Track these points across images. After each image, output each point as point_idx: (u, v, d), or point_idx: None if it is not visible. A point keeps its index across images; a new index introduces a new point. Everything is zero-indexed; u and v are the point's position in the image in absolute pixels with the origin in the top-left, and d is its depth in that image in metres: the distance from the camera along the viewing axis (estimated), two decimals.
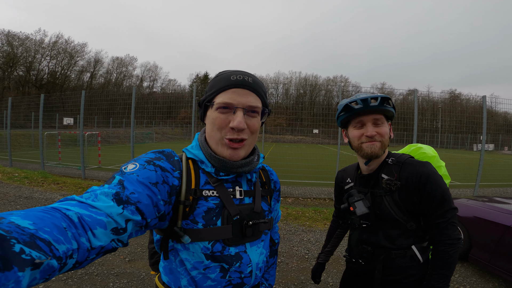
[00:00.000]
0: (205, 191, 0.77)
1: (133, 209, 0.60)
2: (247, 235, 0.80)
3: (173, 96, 21.40)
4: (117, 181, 0.63)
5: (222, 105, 0.75)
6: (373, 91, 17.87)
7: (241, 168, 0.81)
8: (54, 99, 11.05)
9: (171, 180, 0.72)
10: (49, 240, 0.42)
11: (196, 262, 0.75)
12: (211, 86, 0.81)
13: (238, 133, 0.76)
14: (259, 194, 0.87)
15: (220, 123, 0.76)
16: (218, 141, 0.78)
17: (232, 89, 0.76)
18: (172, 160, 0.76)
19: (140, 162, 0.70)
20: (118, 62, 58.24)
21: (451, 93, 35.73)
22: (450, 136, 19.92)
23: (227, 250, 0.77)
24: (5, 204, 5.31)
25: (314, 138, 24.58)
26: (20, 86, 45.07)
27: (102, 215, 0.54)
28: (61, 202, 0.54)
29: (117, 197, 0.59)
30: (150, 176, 0.67)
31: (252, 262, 0.82)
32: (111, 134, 20.55)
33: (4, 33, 43.69)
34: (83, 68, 53.51)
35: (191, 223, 0.74)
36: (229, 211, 0.77)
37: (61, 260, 0.43)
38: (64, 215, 0.49)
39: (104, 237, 0.53)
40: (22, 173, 8.06)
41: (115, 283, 2.79)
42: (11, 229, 0.38)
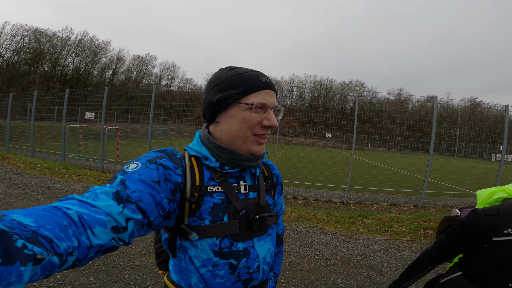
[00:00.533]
0: (209, 187, 0.78)
1: (133, 208, 0.60)
2: (254, 229, 0.80)
3: (189, 95, 21.80)
4: (119, 180, 0.64)
5: (259, 105, 0.79)
6: (389, 97, 17.60)
7: (249, 162, 0.82)
8: (77, 94, 11.52)
9: (173, 177, 0.72)
10: (50, 237, 0.43)
11: (205, 259, 0.76)
12: (234, 84, 0.79)
13: (268, 130, 0.82)
14: (263, 188, 0.89)
15: (253, 122, 0.79)
16: (246, 139, 0.80)
17: (265, 90, 0.80)
18: (174, 158, 0.76)
19: (142, 161, 0.70)
20: (138, 60, 60.31)
21: (472, 101, 34.61)
22: (468, 145, 19.35)
23: (235, 245, 0.77)
24: (26, 194, 5.42)
25: (326, 142, 24.41)
26: (45, 80, 47.14)
27: (101, 214, 0.55)
28: (61, 201, 0.55)
29: (117, 196, 0.59)
30: (152, 175, 0.67)
31: (259, 257, 0.82)
32: (129, 129, 21.18)
33: (32, 30, 45.78)
34: (105, 65, 55.76)
35: (197, 220, 0.74)
36: (235, 206, 0.78)
37: (62, 257, 0.44)
38: (64, 213, 0.50)
39: (104, 236, 0.54)
40: (44, 164, 8.30)
41: (130, 275, 2.88)
42: (13, 226, 0.39)
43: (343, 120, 18.48)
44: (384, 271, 3.38)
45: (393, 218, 5.31)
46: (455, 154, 19.51)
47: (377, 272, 3.33)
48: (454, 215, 3.97)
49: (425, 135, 13.54)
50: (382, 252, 3.92)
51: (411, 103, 56.37)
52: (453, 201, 7.53)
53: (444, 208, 6.64)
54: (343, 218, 5.18)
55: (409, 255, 3.89)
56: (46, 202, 5.01)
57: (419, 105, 54.66)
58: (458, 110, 29.95)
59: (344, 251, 3.85)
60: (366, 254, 3.79)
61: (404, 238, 4.50)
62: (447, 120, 31.27)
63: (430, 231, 4.77)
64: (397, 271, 3.39)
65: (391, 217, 5.33)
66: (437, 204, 6.98)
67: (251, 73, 0.81)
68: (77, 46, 51.07)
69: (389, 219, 5.21)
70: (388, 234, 4.61)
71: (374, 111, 38.61)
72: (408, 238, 4.54)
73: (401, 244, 4.27)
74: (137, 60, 59.97)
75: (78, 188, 6.14)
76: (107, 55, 55.25)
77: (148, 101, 8.79)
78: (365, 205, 6.52)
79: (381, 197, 7.35)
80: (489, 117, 29.59)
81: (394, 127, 28.78)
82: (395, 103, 54.90)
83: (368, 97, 42.52)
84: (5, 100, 12.73)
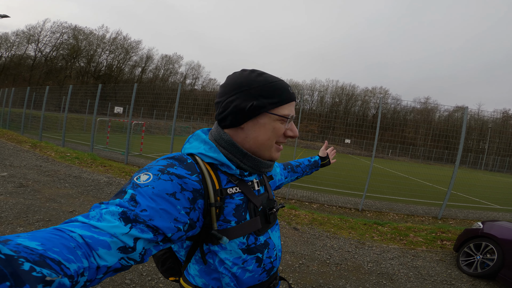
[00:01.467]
0: (229, 189, 0.79)
1: (142, 228, 0.57)
2: (271, 222, 0.88)
3: (212, 95, 22.21)
4: (129, 196, 0.60)
5: (287, 117, 0.81)
6: (414, 105, 17.05)
7: (268, 168, 0.87)
8: (108, 89, 12.16)
9: (190, 185, 0.69)
10: (58, 259, 0.42)
11: (235, 258, 0.78)
12: (266, 93, 0.78)
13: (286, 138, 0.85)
14: (267, 182, 0.97)
15: (281, 132, 0.83)
16: (271, 147, 0.83)
17: (292, 102, 0.83)
18: (185, 164, 0.73)
19: (153, 172, 0.66)
20: (166, 59, 62.89)
21: (504, 113, 32.68)
22: (496, 159, 18.34)
23: (259, 240, 0.82)
24: (54, 181, 5.56)
25: (345, 148, 23.99)
26: (80, 75, 50.15)
27: (105, 235, 0.53)
28: (65, 223, 0.54)
29: (124, 216, 0.56)
30: (166, 187, 0.64)
31: (276, 246, 0.90)
32: (153, 124, 22.01)
33: (71, 28, 48.81)
34: (135, 63, 58.67)
35: (223, 223, 0.75)
36: (254, 203, 0.82)
37: (73, 279, 0.44)
38: (69, 236, 0.49)
39: (109, 257, 0.52)
40: (73, 154, 8.70)
41: (143, 265, 2.90)
42: (19, 249, 0.39)
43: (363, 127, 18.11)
44: (394, 279, 3.37)
45: (409, 227, 5.22)
46: (482, 167, 18.56)
47: (387, 280, 3.32)
48: (476, 227, 3.90)
49: (451, 146, 13.01)
50: (395, 260, 3.90)
51: (438, 112, 54.11)
52: (475, 214, 7.24)
53: (465, 221, 6.41)
54: (357, 224, 5.16)
55: (423, 264, 3.84)
56: (73, 190, 5.23)
57: (446, 115, 52.33)
58: (489, 122, 28.45)
59: (355, 257, 3.86)
60: (378, 262, 3.79)
61: (420, 248, 4.43)
62: (477, 131, 29.73)
63: (448, 242, 4.66)
64: (408, 280, 3.37)
65: (408, 227, 5.24)
66: (458, 216, 6.75)
67: (281, 83, 0.81)
68: (111, 44, 54.22)
69: (405, 228, 5.13)
70: (403, 243, 4.55)
71: (397, 119, 37.41)
72: (423, 248, 4.46)
73: (415, 253, 4.21)
74: (164, 59, 62.61)
75: (103, 179, 6.39)
76: (138, 54, 58.27)
77: (172, 99, 9.09)
78: (381, 213, 6.42)
79: (398, 206, 7.19)
80: None
81: (418, 136, 27.74)
82: (421, 111, 52.86)
83: (392, 105, 41.43)
84: (41, 92, 13.60)
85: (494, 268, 3.42)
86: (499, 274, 3.37)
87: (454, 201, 8.75)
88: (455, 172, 6.29)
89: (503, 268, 3.36)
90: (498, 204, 9.08)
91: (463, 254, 3.90)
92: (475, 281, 3.52)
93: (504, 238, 3.47)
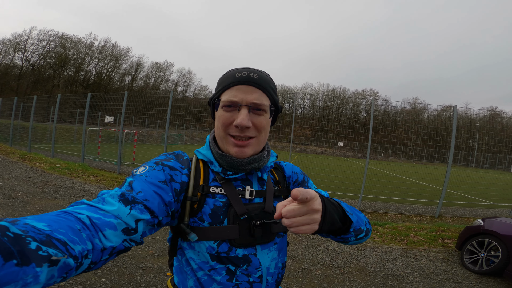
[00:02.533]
0: (212, 188, 0.76)
1: (141, 208, 0.61)
2: (256, 236, 0.75)
3: (204, 102, 22.15)
4: (127, 183, 0.66)
5: (226, 103, 0.74)
6: (404, 106, 17.33)
7: (250, 164, 0.78)
8: (98, 98, 11.95)
9: (179, 177, 0.72)
10: (64, 240, 0.44)
11: (201, 262, 0.73)
12: (218, 84, 0.80)
13: (242, 130, 0.74)
14: (271, 193, 0.82)
15: (225, 121, 0.75)
16: (223, 139, 0.78)
17: (237, 86, 0.74)
18: (181, 160, 0.77)
19: (150, 164, 0.72)
20: (157, 67, 62.59)
21: (491, 111, 33.57)
22: (486, 156, 18.71)
23: (234, 251, 0.73)
24: (44, 193, 5.45)
25: (338, 151, 24.10)
26: (68, 84, 49.28)
27: (111, 217, 0.56)
28: (72, 206, 0.56)
29: (123, 198, 0.60)
30: (158, 175, 0.68)
31: (262, 266, 0.77)
32: (145, 133, 21.74)
33: (58, 35, 48.04)
34: (125, 71, 58.14)
35: (198, 220, 0.73)
36: (236, 209, 0.74)
37: (77, 260, 0.45)
38: (76, 218, 0.51)
39: (115, 238, 0.55)
40: (64, 164, 8.51)
41: (142, 277, 2.87)
42: (27, 229, 0.40)
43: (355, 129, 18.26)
44: (400, 279, 3.33)
45: (409, 227, 5.20)
46: (473, 164, 18.88)
47: (393, 281, 3.27)
48: (477, 225, 3.91)
49: (441, 145, 13.20)
50: (398, 260, 3.85)
51: (426, 112, 55.18)
52: (472, 211, 7.30)
53: (462, 219, 6.45)
54: None
55: (427, 264, 3.81)
56: (64, 201, 5.10)
57: (435, 115, 53.42)
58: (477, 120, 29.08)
59: (358, 259, 3.81)
60: (381, 263, 3.74)
61: (421, 247, 4.41)
62: (465, 130, 30.38)
63: (449, 241, 4.65)
64: (414, 280, 3.33)
65: (407, 226, 5.23)
66: (455, 214, 6.78)
67: (232, 71, 0.77)
68: (100, 52, 53.46)
69: (405, 228, 5.11)
70: (405, 243, 4.52)
71: (388, 120, 38.00)
72: (425, 247, 4.44)
73: (418, 253, 4.18)
74: (155, 66, 62.32)
75: (95, 189, 6.25)
76: (128, 61, 57.81)
77: (164, 107, 9.00)
78: (378, 214, 6.41)
79: (395, 206, 7.20)
80: (509, 127, 28.56)
81: (409, 136, 28.16)
82: (410, 112, 53.83)
83: (382, 106, 41.94)
84: (29, 102, 13.29)
85: (500, 265, 3.41)
86: (506, 270, 3.36)
87: (450, 199, 8.84)
88: (448, 170, 6.34)
89: (509, 264, 3.35)
90: (493, 201, 9.21)
91: (466, 252, 3.89)
92: (482, 279, 3.50)
93: (507, 235, 3.47)
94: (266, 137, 0.82)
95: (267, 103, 0.77)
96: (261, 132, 0.78)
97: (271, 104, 0.79)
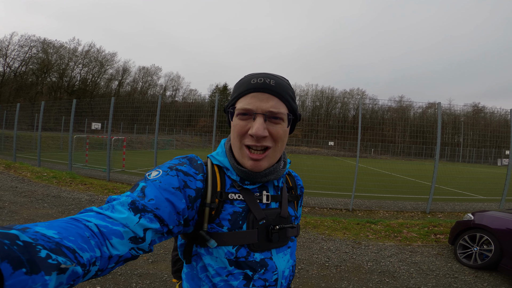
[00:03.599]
0: (230, 194, 0.75)
1: (151, 217, 0.59)
2: (273, 240, 0.76)
3: (194, 106, 22.03)
4: (140, 188, 0.64)
5: (241, 111, 0.72)
6: (390, 104, 17.69)
7: (266, 177, 0.78)
8: (84, 104, 11.68)
9: (194, 183, 0.71)
10: (73, 248, 0.44)
11: (219, 267, 0.72)
12: (233, 91, 0.78)
13: (258, 140, 0.72)
14: (286, 199, 0.84)
15: (239, 130, 0.73)
16: (239, 150, 0.76)
17: (252, 94, 0.72)
18: (195, 164, 0.75)
19: (163, 169, 0.70)
20: (144, 71, 61.27)
21: (474, 107, 34.59)
22: (472, 151, 19.28)
23: (252, 256, 0.73)
24: (32, 202, 5.38)
25: (329, 150, 24.35)
26: (52, 91, 47.85)
27: (118, 225, 0.55)
28: (81, 213, 0.56)
29: (133, 206, 0.59)
30: (172, 182, 0.66)
31: (279, 270, 0.77)
32: (134, 139, 21.37)
33: (40, 41, 46.73)
34: (112, 76, 56.60)
35: (216, 226, 0.72)
36: (255, 215, 0.74)
37: (85, 267, 0.45)
38: (85, 225, 0.51)
39: (121, 247, 0.54)
40: (50, 173, 8.36)
41: (137, 284, 2.83)
42: (37, 237, 0.40)
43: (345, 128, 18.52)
44: (397, 276, 3.36)
45: (401, 223, 5.28)
46: (459, 159, 19.41)
47: (390, 278, 3.30)
48: (467, 219, 3.97)
49: (428, 141, 13.50)
50: (394, 257, 3.89)
51: (412, 110, 56.48)
52: (462, 206, 7.48)
53: (453, 213, 6.59)
54: (350, 224, 5.16)
55: (422, 259, 3.87)
56: (53, 210, 5.03)
57: (421, 112, 54.71)
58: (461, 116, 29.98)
59: (354, 257, 3.83)
60: (377, 260, 3.77)
61: (415, 244, 4.47)
62: (450, 126, 31.24)
63: (441, 236, 4.74)
64: (411, 276, 3.37)
65: (400, 223, 5.30)
66: (445, 209, 6.93)
67: (248, 77, 0.75)
68: (84, 57, 52.00)
69: (397, 225, 5.18)
70: (398, 240, 4.58)
71: (376, 119, 38.74)
72: (419, 243, 4.51)
73: (412, 249, 4.24)
74: (142, 71, 61.02)
75: (84, 197, 6.15)
76: (113, 66, 56.25)
77: (153, 112, 8.90)
78: (371, 211, 6.48)
79: (387, 204, 7.30)
80: (492, 122, 29.53)
81: (397, 134, 28.75)
82: (397, 110, 54.99)
83: (369, 105, 42.85)
84: (12, 111, 12.93)
85: (494, 259, 3.44)
86: (500, 264, 3.38)
87: (439, 194, 9.02)
88: (436, 166, 6.48)
89: (503, 258, 3.38)
90: (481, 195, 9.45)
91: (459, 246, 3.94)
92: (478, 273, 3.55)
93: (497, 228, 3.51)
94: (283, 147, 0.80)
95: (285, 111, 0.74)
96: (277, 142, 0.75)
97: (288, 112, 0.76)
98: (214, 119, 7.41)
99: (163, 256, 3.53)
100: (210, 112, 7.77)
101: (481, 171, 16.31)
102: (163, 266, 3.28)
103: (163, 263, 3.35)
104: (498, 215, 3.68)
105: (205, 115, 17.08)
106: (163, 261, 3.40)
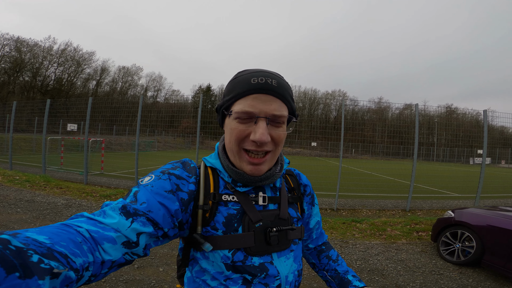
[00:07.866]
0: (224, 196, 0.72)
1: (143, 221, 0.58)
2: (272, 243, 0.71)
3: (176, 107, 21.57)
4: (133, 193, 0.63)
5: (242, 115, 0.67)
6: (370, 106, 18.23)
7: (261, 182, 0.74)
8: (59, 105, 11.10)
9: (186, 186, 0.69)
10: (65, 253, 0.43)
11: (216, 272, 0.69)
12: (229, 89, 0.72)
13: (260, 146, 0.68)
14: (285, 200, 0.80)
15: (239, 135, 0.68)
16: (236, 154, 0.72)
17: (253, 95, 0.67)
18: (188, 168, 0.73)
19: (156, 174, 0.68)
20: (124, 71, 59.27)
21: (448, 108, 36.44)
22: (446, 150, 20.27)
23: (250, 260, 0.69)
24: (4, 207, 5.18)
25: (312, 151, 24.69)
26: (25, 91, 45.35)
27: (110, 231, 0.54)
28: (71, 219, 0.55)
29: (124, 211, 0.58)
30: (164, 185, 0.65)
31: (281, 275, 0.72)
32: (113, 141, 20.58)
33: (13, 39, 44.23)
34: (89, 76, 54.30)
35: (211, 229, 0.69)
36: (250, 217, 0.71)
37: (78, 272, 0.45)
38: (76, 231, 0.50)
39: (114, 252, 0.53)
40: (23, 176, 7.97)
41: None
42: (28, 242, 0.39)
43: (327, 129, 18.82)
44: (385, 274, 3.41)
45: (385, 222, 5.40)
46: (434, 158, 20.32)
47: (379, 276, 3.35)
48: (448, 216, 4.09)
49: (405, 141, 13.99)
50: (381, 255, 3.96)
51: (390, 111, 58.58)
52: (439, 203, 7.77)
53: (431, 211, 6.84)
54: (337, 224, 5.22)
55: (407, 257, 3.95)
56: (27, 215, 4.80)
57: (398, 113, 56.85)
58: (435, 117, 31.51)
59: (343, 256, 3.86)
60: (365, 259, 3.82)
61: (400, 241, 4.58)
62: (425, 126, 32.71)
63: (423, 233, 4.89)
64: (399, 274, 3.43)
65: (383, 221, 5.42)
66: (424, 207, 7.18)
67: (246, 75, 0.69)
68: (60, 56, 49.67)
69: (381, 223, 5.29)
70: (383, 238, 4.67)
71: (356, 120, 39.84)
72: (403, 241, 4.62)
73: (397, 247, 4.33)
74: (122, 71, 58.99)
75: (60, 201, 5.87)
76: (91, 66, 54.09)
77: (133, 113, 8.61)
78: (355, 210, 6.60)
79: (370, 202, 7.47)
80: (464, 123, 31.21)
81: (376, 134, 29.65)
82: (376, 111, 56.80)
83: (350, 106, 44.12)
84: None
85: (476, 255, 3.53)
86: (483, 260, 3.46)
87: (417, 192, 9.36)
88: (414, 165, 6.71)
89: (485, 254, 3.46)
90: (456, 193, 9.89)
91: (442, 243, 4.03)
92: (462, 269, 3.64)
93: (477, 225, 3.60)
94: (280, 150, 0.76)
95: (286, 114, 0.71)
96: (278, 146, 0.72)
97: (289, 114, 0.72)
98: (198, 120, 7.26)
99: (149, 261, 3.38)
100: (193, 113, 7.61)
101: (455, 170, 17.12)
102: (150, 272, 3.14)
103: (150, 269, 3.21)
104: (477, 211, 3.79)
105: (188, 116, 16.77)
106: (149, 266, 3.26)
